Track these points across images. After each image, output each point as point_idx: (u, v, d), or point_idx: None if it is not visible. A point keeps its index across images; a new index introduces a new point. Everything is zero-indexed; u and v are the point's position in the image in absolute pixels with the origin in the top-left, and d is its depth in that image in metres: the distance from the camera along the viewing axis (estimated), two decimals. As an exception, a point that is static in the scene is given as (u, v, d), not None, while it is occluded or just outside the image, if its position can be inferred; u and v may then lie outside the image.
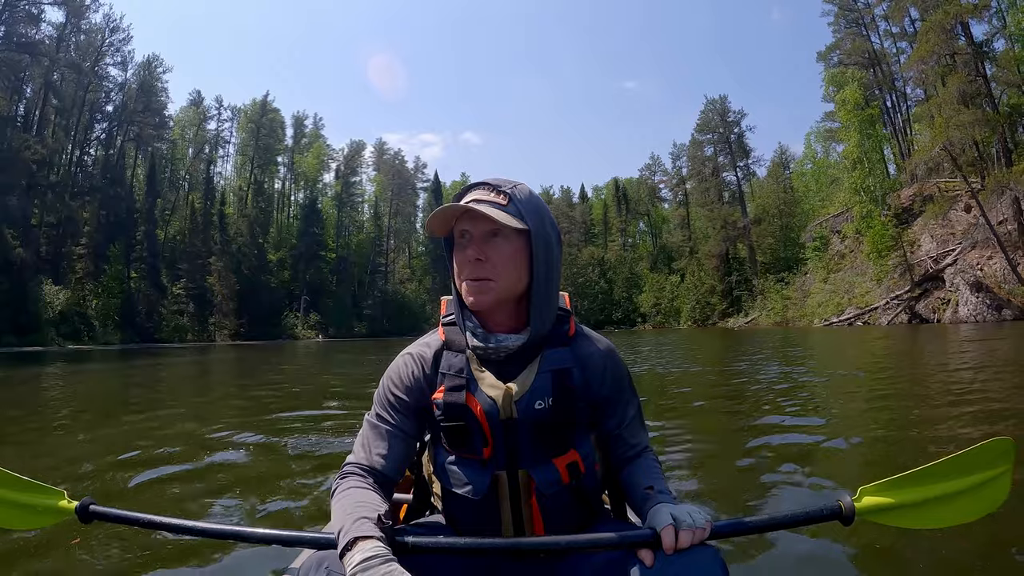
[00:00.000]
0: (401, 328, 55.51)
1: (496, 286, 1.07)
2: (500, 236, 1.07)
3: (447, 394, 1.11)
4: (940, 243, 30.21)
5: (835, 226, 40.75)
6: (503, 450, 1.10)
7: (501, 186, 1.09)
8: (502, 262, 1.07)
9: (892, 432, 4.08)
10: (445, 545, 0.96)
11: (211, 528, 1.07)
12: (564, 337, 1.16)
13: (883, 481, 1.02)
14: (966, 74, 27.54)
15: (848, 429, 4.11)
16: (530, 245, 1.09)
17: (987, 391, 5.76)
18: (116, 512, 1.10)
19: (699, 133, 58.93)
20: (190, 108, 58.64)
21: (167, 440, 4.35)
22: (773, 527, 1.02)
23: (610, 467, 1.22)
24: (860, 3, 43.84)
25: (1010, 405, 4.98)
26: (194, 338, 44.31)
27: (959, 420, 4.31)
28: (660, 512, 0.96)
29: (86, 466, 3.54)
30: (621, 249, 68.48)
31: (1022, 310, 23.64)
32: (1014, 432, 4.00)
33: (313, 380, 10.57)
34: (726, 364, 11.24)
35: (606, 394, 1.16)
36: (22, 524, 1.18)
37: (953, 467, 1.00)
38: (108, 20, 46.84)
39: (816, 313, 36.27)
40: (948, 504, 1.00)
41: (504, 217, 1.04)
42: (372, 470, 1.10)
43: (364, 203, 69.29)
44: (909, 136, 40.04)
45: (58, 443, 4.47)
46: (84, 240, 42.04)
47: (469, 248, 1.07)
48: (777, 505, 2.56)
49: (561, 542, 0.95)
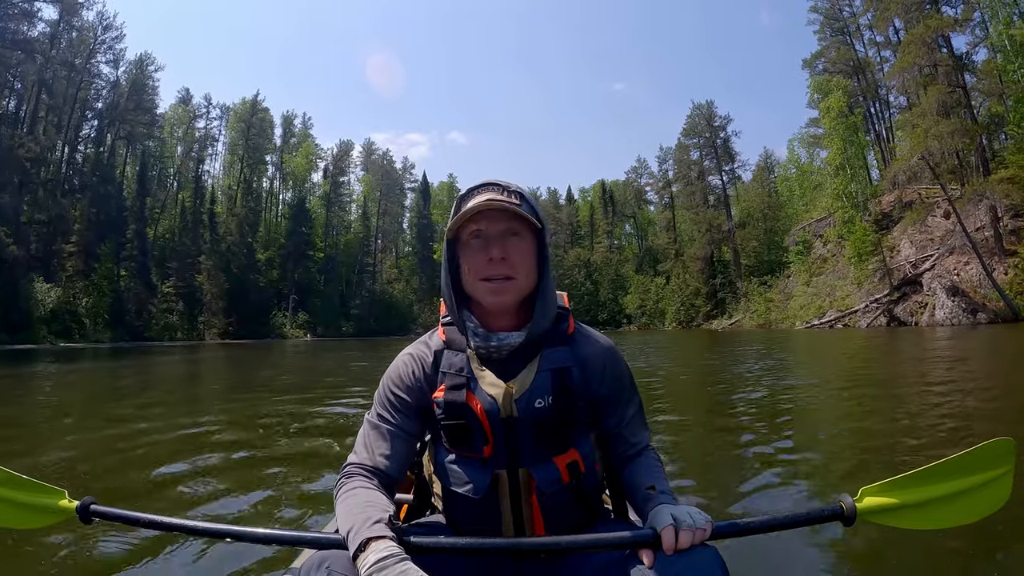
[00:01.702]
0: (388, 328, 55.47)
1: (517, 284, 1.09)
2: (518, 235, 1.08)
3: (448, 393, 1.11)
4: (919, 248, 30.82)
5: (818, 230, 41.33)
6: (503, 449, 1.10)
7: (509, 186, 1.10)
8: (521, 260, 1.09)
9: (885, 429, 4.15)
10: (446, 545, 0.96)
11: (212, 528, 1.07)
12: (563, 336, 1.16)
13: (884, 482, 1.02)
14: (946, 85, 28.13)
15: (841, 430, 4.18)
16: (539, 243, 1.11)
17: (964, 390, 5.92)
18: (117, 512, 1.10)
19: (685, 137, 59.47)
20: (179, 106, 58.23)
21: (165, 439, 4.35)
22: (774, 528, 1.01)
23: (611, 466, 1.22)
24: (845, 12, 44.60)
25: (993, 404, 5.13)
26: (183, 337, 44.29)
27: (950, 418, 4.43)
28: (661, 512, 0.96)
29: (85, 466, 3.54)
30: (607, 251, 68.81)
31: (996, 314, 24.20)
32: (1011, 430, 4.10)
33: (308, 380, 10.57)
34: (713, 364, 11.38)
35: (606, 393, 1.16)
36: (22, 523, 1.17)
37: (954, 468, 1.00)
38: (101, 18, 46.64)
39: (798, 315, 36.74)
40: (949, 505, 1.00)
41: (527, 215, 1.07)
42: (376, 470, 1.09)
43: (352, 203, 69.05)
44: (892, 143, 40.79)
45: (57, 442, 4.44)
46: (74, 238, 41.83)
47: (493, 247, 1.07)
48: (778, 506, 2.58)
49: (562, 542, 0.95)
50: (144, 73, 50.67)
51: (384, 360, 1.37)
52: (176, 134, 57.73)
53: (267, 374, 12.02)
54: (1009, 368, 8.78)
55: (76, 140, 45.88)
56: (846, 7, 44.47)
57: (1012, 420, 4.44)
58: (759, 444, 3.81)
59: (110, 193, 45.93)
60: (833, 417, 4.87)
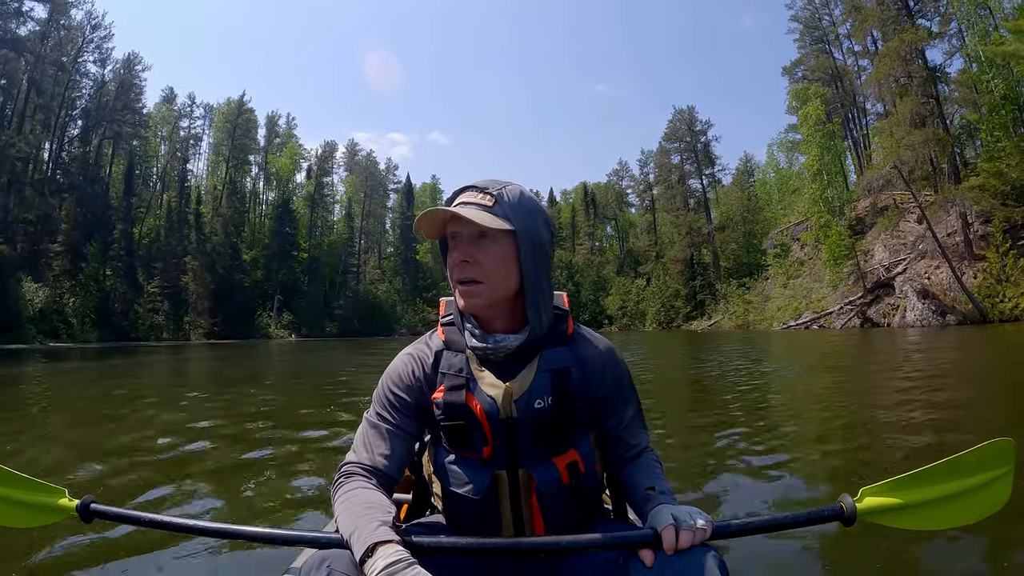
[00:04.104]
0: (372, 328, 55.32)
1: (485, 288, 1.07)
2: (488, 238, 1.06)
3: (447, 393, 1.10)
4: (892, 252, 31.62)
5: (795, 234, 42.06)
6: (503, 449, 1.10)
7: (489, 188, 1.08)
8: (491, 264, 1.06)
9: (881, 427, 4.23)
10: (447, 545, 0.95)
11: (212, 527, 1.07)
12: (563, 336, 1.16)
13: (885, 482, 1.03)
14: (919, 97, 28.86)
15: (836, 427, 4.25)
16: (517, 246, 1.08)
17: (934, 388, 6.14)
18: (117, 511, 1.11)
19: (666, 141, 60.04)
20: (163, 105, 57.56)
21: (163, 439, 4.34)
22: (774, 528, 1.02)
23: (610, 467, 1.22)
24: (825, 22, 45.51)
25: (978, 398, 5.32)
26: (169, 337, 44.01)
27: (939, 408, 4.62)
28: (661, 512, 0.96)
29: (84, 465, 3.52)
30: (589, 252, 69.28)
31: (965, 316, 24.92)
32: (994, 420, 4.26)
33: (305, 380, 10.57)
34: (697, 363, 11.54)
35: (605, 393, 1.16)
36: (22, 522, 1.17)
37: (954, 468, 1.00)
38: (90, 17, 45.97)
39: (775, 317, 37.35)
40: (950, 505, 1.00)
41: (487, 219, 1.04)
42: (374, 470, 1.09)
43: (336, 204, 68.61)
44: (868, 149, 41.72)
45: (56, 442, 4.41)
46: (61, 238, 41.46)
47: (456, 251, 1.07)
48: (778, 506, 2.59)
49: (562, 542, 0.95)
50: (132, 72, 50.10)
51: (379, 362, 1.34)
52: (160, 133, 57.16)
53: (262, 374, 12.01)
54: (987, 366, 9.16)
55: (64, 139, 45.34)
56: (825, 16, 45.42)
57: (997, 411, 4.66)
58: (755, 443, 3.84)
59: (97, 193, 45.53)
60: (828, 415, 4.93)
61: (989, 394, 6.00)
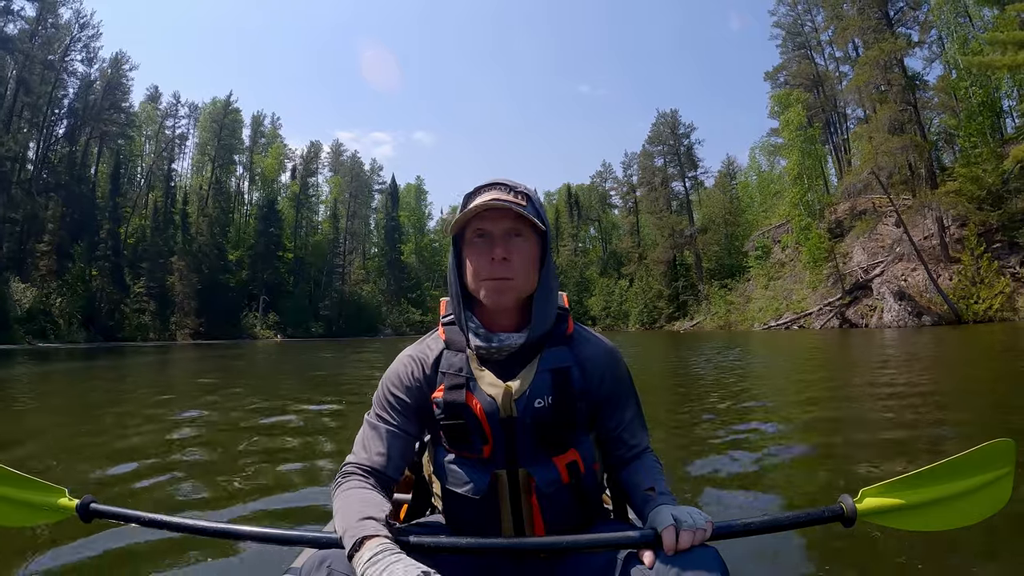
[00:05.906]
0: (357, 329, 54.91)
1: (516, 285, 1.08)
2: (521, 236, 1.07)
3: (447, 393, 1.10)
4: (870, 255, 32.28)
5: (776, 236, 42.71)
6: (503, 449, 1.09)
7: (517, 187, 1.09)
8: (522, 262, 1.07)
9: (877, 424, 4.28)
10: (446, 545, 0.95)
11: (212, 527, 1.06)
12: (563, 336, 1.16)
13: (885, 482, 1.03)
14: (897, 104, 29.48)
15: (833, 427, 4.30)
16: (542, 245, 1.10)
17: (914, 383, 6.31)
18: (117, 511, 1.11)
19: (650, 144, 60.46)
20: (148, 104, 56.60)
21: (161, 439, 4.33)
22: (775, 528, 1.01)
23: (610, 467, 1.21)
24: (807, 28, 46.22)
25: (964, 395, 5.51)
26: (155, 337, 43.30)
27: (932, 408, 4.72)
28: (661, 513, 0.96)
29: (83, 465, 3.50)
30: (572, 254, 69.40)
31: (940, 317, 25.65)
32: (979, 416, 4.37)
33: (301, 379, 10.52)
34: (682, 362, 11.63)
35: (606, 394, 1.16)
36: (22, 521, 1.17)
37: (954, 469, 1.01)
38: (78, 15, 44.94)
39: (756, 317, 37.83)
40: (950, 506, 1.00)
41: (531, 216, 1.06)
42: (373, 470, 1.09)
43: (321, 204, 68.02)
44: (848, 153, 42.49)
45: (55, 441, 4.40)
46: (47, 238, 40.76)
47: (497, 247, 1.06)
48: (778, 506, 2.61)
49: (562, 542, 0.95)
50: (119, 72, 49.11)
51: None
52: (146, 132, 56.27)
53: (255, 372, 11.85)
54: (964, 364, 9.45)
55: (50, 138, 44.45)
56: (807, 23, 46.14)
57: (985, 407, 4.78)
58: (754, 443, 3.86)
59: (84, 192, 44.68)
60: (821, 415, 4.97)
61: (967, 390, 6.18)
